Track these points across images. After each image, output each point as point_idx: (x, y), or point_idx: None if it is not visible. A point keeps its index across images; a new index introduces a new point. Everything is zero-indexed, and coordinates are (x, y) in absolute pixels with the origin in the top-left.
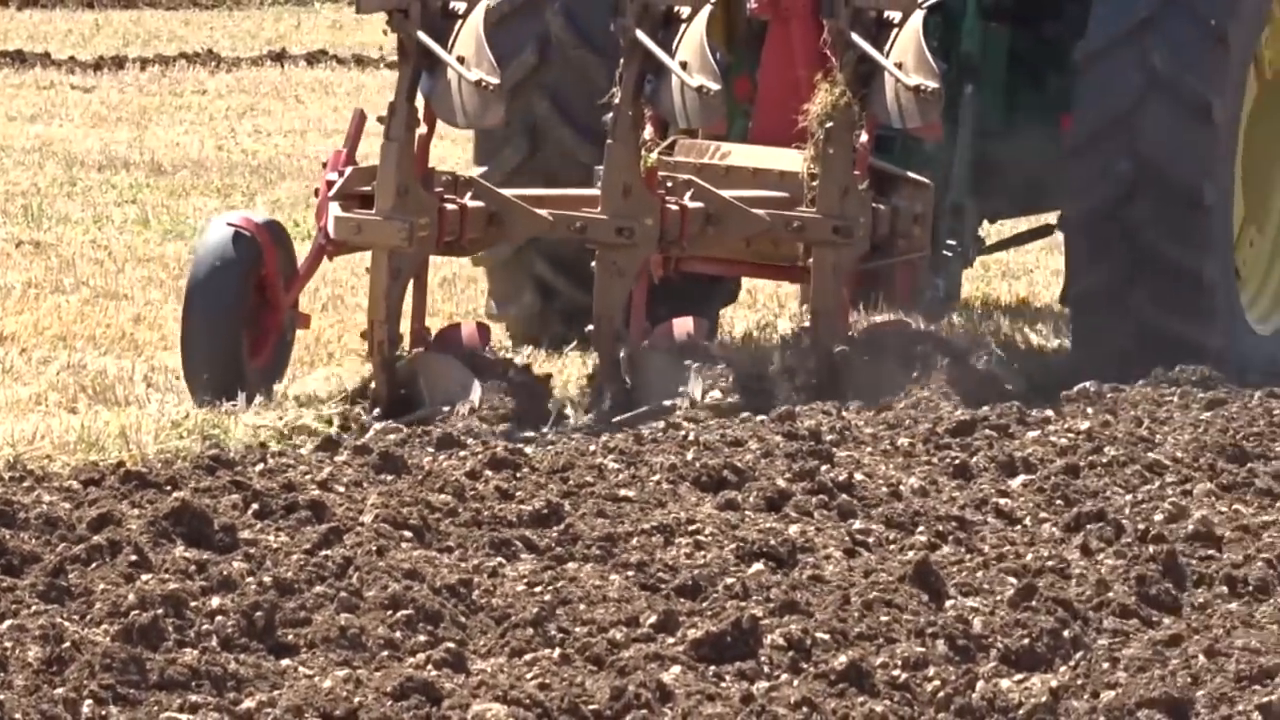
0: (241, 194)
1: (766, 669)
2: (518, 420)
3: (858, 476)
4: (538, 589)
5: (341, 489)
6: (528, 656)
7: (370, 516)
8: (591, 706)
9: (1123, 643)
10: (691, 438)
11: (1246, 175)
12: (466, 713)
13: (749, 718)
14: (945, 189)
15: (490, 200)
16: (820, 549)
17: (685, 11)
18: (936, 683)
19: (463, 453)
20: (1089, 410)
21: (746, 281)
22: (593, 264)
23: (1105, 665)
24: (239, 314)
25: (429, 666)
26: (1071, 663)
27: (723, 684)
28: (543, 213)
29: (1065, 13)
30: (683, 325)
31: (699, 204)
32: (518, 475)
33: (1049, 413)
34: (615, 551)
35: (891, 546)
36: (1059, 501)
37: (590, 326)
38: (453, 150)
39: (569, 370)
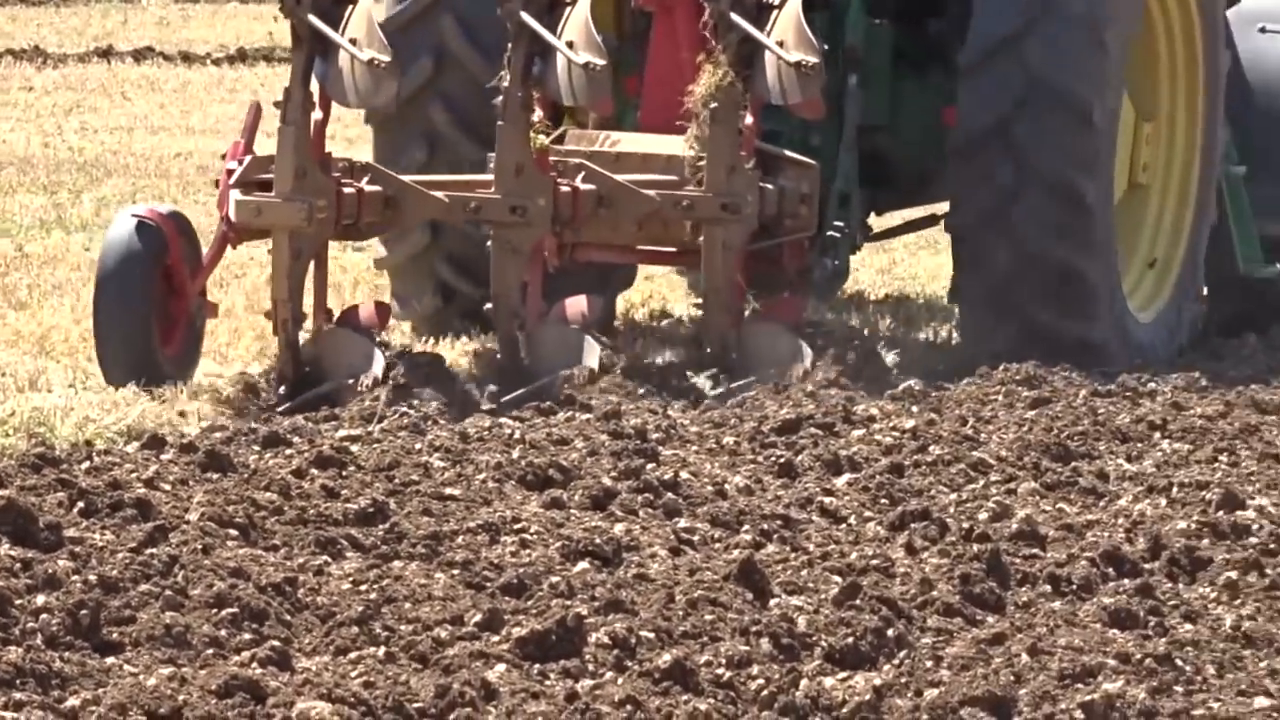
0: (69, 191)
1: (591, 667)
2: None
3: (683, 475)
4: (363, 587)
5: (167, 487)
6: (353, 655)
7: (196, 515)
8: (416, 704)
9: (946, 641)
10: (517, 436)
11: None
12: (291, 710)
13: (573, 716)
14: (832, 179)
15: (387, 184)
16: (645, 547)
17: None
18: (760, 681)
19: (288, 451)
20: (914, 409)
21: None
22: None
23: (929, 664)
24: (148, 302)
25: (254, 664)
26: (895, 661)
27: (547, 682)
28: (438, 194)
29: (947, 10)
30: (577, 304)
31: (590, 186)
32: (343, 473)
33: (874, 411)
34: (441, 550)
35: (716, 545)
36: (884, 500)
37: (488, 305)
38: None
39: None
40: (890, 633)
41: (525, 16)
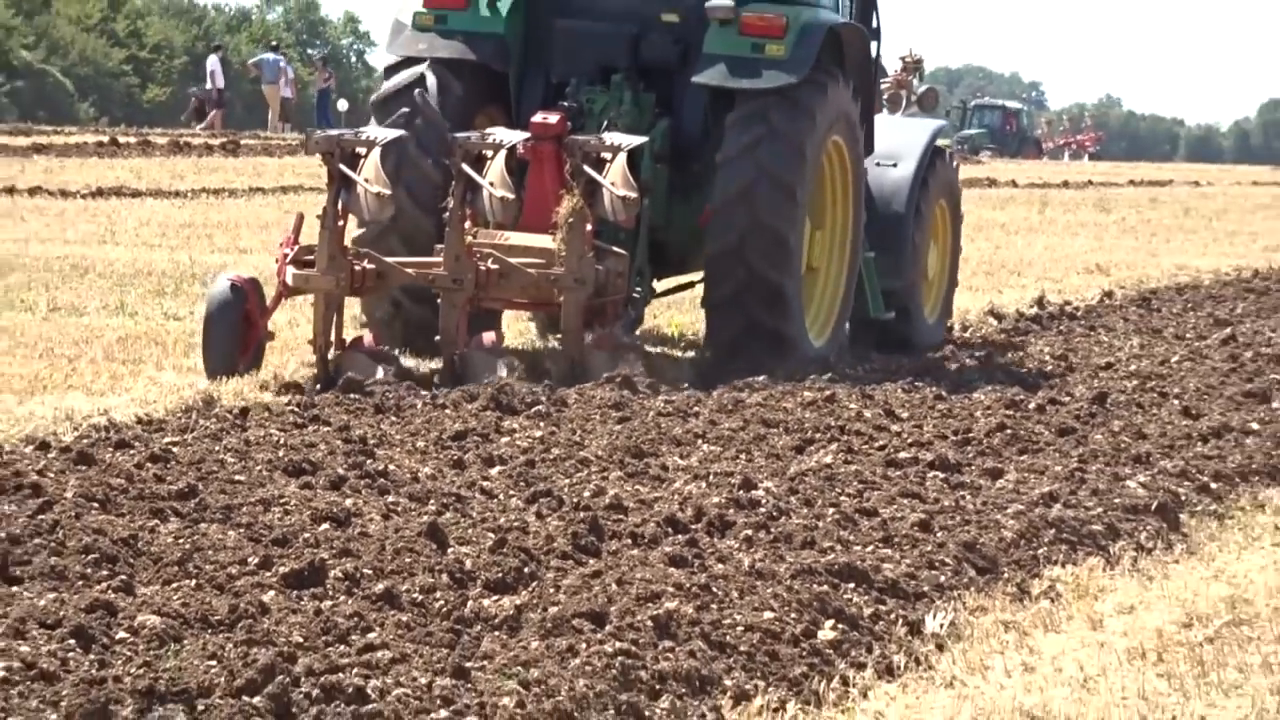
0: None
1: (331, 593)
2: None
3: (391, 467)
4: (181, 540)
5: (52, 475)
6: (174, 585)
7: (71, 493)
8: (216, 617)
9: (563, 575)
10: (282, 441)
11: (811, 201)
12: (134, 621)
13: (319, 623)
14: (633, 260)
15: (379, 264)
16: (367, 514)
17: (490, 153)
18: (442, 602)
19: (132, 450)
20: (541, 423)
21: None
22: (428, 290)
23: (552, 590)
24: (235, 330)
25: (110, 591)
26: (530, 588)
27: (303, 603)
28: (410, 270)
29: (702, 158)
30: (489, 336)
31: (496, 266)
32: (168, 465)
33: (515, 424)
34: (231, 516)
35: (413, 513)
36: (522, 483)
37: (437, 337)
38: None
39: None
40: (526, 570)
41: (464, 166)
